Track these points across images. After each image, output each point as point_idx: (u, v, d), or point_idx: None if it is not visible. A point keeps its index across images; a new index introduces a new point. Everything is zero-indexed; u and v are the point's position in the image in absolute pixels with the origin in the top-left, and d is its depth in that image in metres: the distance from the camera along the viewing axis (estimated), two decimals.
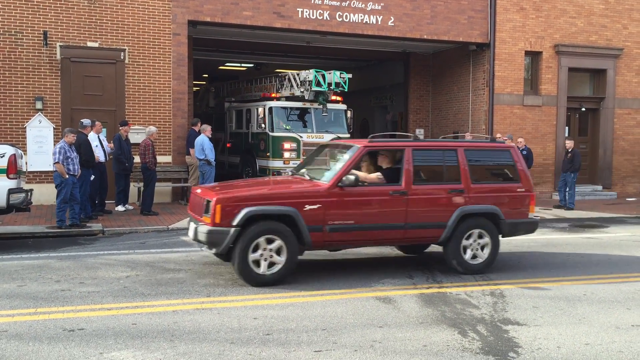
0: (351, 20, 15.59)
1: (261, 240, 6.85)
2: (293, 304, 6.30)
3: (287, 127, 15.47)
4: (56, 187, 10.33)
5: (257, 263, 6.89)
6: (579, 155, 15.20)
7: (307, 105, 15.67)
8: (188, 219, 7.79)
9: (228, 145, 17.89)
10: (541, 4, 17.33)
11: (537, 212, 14.36)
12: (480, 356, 4.89)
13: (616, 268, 8.40)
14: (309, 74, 15.05)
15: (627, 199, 17.59)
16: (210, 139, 13.80)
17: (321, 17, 15.30)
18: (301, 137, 15.30)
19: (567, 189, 15.04)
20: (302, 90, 15.33)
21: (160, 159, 13.79)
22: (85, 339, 5.07)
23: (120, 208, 12.74)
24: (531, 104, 17.41)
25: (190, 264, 8.12)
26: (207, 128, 13.89)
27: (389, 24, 15.94)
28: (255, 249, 6.86)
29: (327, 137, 15.08)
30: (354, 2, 15.56)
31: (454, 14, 16.57)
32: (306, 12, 15.15)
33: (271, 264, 6.95)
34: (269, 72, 19.04)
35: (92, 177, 11.61)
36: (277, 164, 15.21)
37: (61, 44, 13.48)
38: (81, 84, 13.74)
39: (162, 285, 6.91)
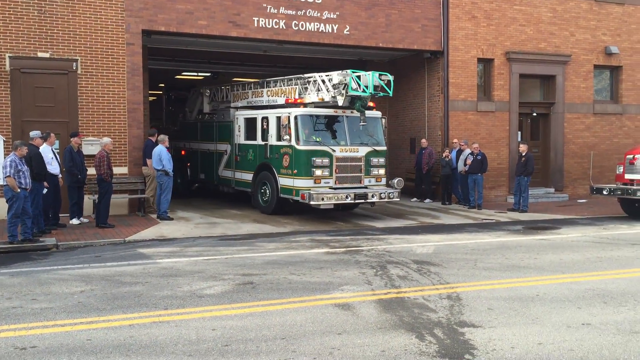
0: (307, 29, 15.68)
1: None
2: (252, 313, 6.28)
3: (318, 139, 13.26)
4: (7, 201, 10.04)
5: None
6: (532, 159, 15.61)
7: (339, 112, 13.58)
8: (146, 230, 7.68)
9: (236, 159, 15.45)
10: (492, 12, 17.77)
11: (492, 215, 14.72)
12: (437, 359, 4.97)
13: (567, 268, 8.64)
14: (345, 76, 12.79)
15: (578, 201, 18.13)
16: (168, 149, 13.68)
17: (277, 26, 15.34)
18: (334, 150, 13.20)
19: (522, 192, 15.44)
20: (333, 94, 13.07)
21: (116, 170, 13.55)
22: (37, 357, 4.95)
23: (74, 221, 12.46)
24: (485, 109, 17.80)
25: (148, 276, 8.01)
26: (165, 138, 13.78)
27: (345, 32, 16.09)
28: None
29: (362, 151, 13.52)
30: (309, 11, 15.66)
31: (408, 22, 16.85)
32: (262, 21, 15.17)
33: None
34: (287, 74, 16.50)
35: (45, 190, 11.33)
36: (305, 183, 13.00)
37: (10, 54, 13.14)
38: (32, 95, 13.41)
39: (118, 299, 6.79)
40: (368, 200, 13.29)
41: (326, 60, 19.67)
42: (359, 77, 12.80)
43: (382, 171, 13.93)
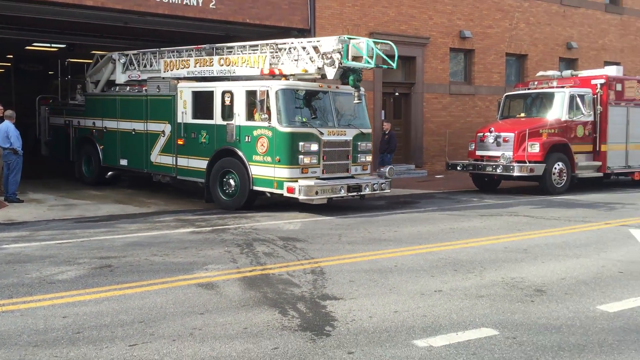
0: (171, 1, 15.02)
1: None
2: (108, 298, 5.96)
3: (304, 120, 11.37)
4: None
5: None
6: (395, 136, 16.31)
7: (324, 87, 11.73)
8: None
9: (180, 142, 12.88)
10: None
11: None
12: (298, 333, 5.02)
13: (424, 240, 9.13)
14: (341, 42, 10.84)
15: (436, 176, 19.25)
16: (16, 126, 12.56)
17: None
18: (322, 133, 11.36)
19: None
20: (321, 65, 11.07)
21: None
22: None
23: None
24: None
25: None
26: (12, 114, 12.63)
27: (211, 6, 15.64)
28: None
29: (349, 133, 11.84)
30: None
31: None
32: None
33: None
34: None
35: None
36: (290, 172, 11.03)
37: None
38: None
39: None
40: (361, 193, 11.74)
41: (192, 35, 19.05)
42: (357, 44, 11.00)
43: (369, 158, 12.38)
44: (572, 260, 7.70)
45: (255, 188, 11.52)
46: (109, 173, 15.26)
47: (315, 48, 11.19)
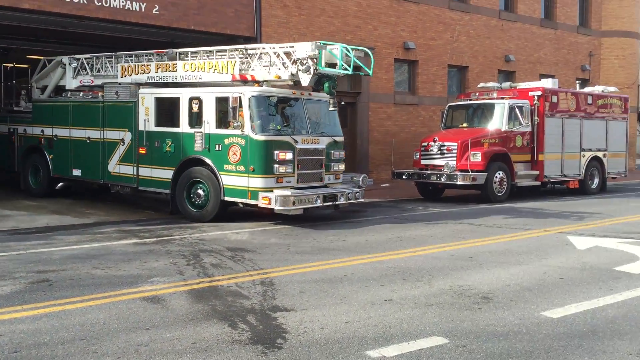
0: (112, 5, 14.64)
1: None
2: (47, 314, 5.68)
3: (278, 128, 11.09)
4: None
5: None
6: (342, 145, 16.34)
7: (297, 94, 11.50)
8: None
9: (142, 151, 12.31)
10: (302, 2, 18.20)
11: None
12: (249, 347, 4.91)
13: (372, 249, 9.15)
14: (314, 49, 10.54)
15: (382, 185, 19.44)
16: None
17: (77, 0, 14.11)
18: (296, 141, 11.11)
19: None
20: (294, 71, 10.81)
21: None
22: None
23: None
24: None
25: None
26: None
27: (154, 12, 15.32)
28: None
29: (322, 141, 11.62)
30: None
31: (221, 6, 16.56)
32: None
33: None
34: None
35: None
36: (265, 182, 10.69)
37: None
38: None
39: None
40: (336, 203, 11.57)
41: (135, 40, 18.63)
42: (332, 50, 10.70)
43: (342, 166, 12.20)
44: (515, 267, 7.89)
45: (227, 199, 11.10)
46: (60, 184, 14.46)
47: (288, 54, 10.94)
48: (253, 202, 10.82)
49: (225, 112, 10.93)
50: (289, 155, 10.90)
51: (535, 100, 16.61)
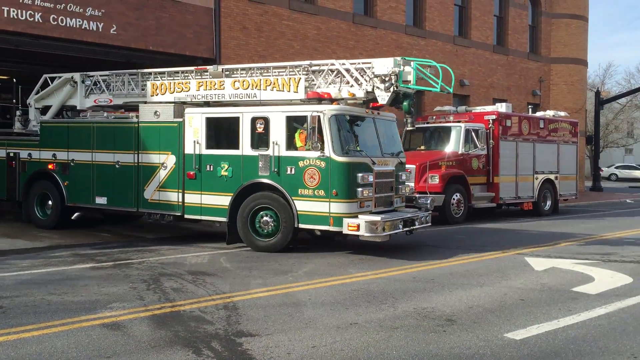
0: (68, 25, 14.41)
1: None
2: (2, 343, 5.44)
3: (357, 149, 10.52)
4: None
5: None
6: None
7: (369, 113, 10.88)
8: None
9: (190, 176, 11.26)
10: (262, 25, 18.30)
11: None
12: None
13: (329, 271, 9.10)
14: (395, 66, 10.11)
15: None
16: None
17: (32, 19, 13.83)
18: (374, 163, 10.49)
19: None
20: (370, 89, 10.34)
21: None
22: None
23: None
24: None
25: None
26: None
27: (112, 31, 15.15)
28: None
29: (391, 163, 11.05)
30: (70, 6, 14.40)
31: (180, 27, 16.49)
32: (13, 11, 13.54)
33: None
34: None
35: None
36: (348, 207, 9.99)
37: None
38: None
39: None
40: (412, 228, 10.97)
41: (91, 60, 18.33)
42: (418, 66, 10.19)
43: (407, 189, 11.76)
44: (477, 289, 8.00)
45: (302, 226, 10.33)
46: (76, 214, 12.90)
47: (361, 70, 10.52)
48: (335, 229, 10.10)
49: (295, 133, 10.34)
50: (370, 178, 10.29)
51: (490, 124, 17.06)
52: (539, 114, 20.55)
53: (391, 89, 10.10)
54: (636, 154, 62.49)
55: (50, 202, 13.04)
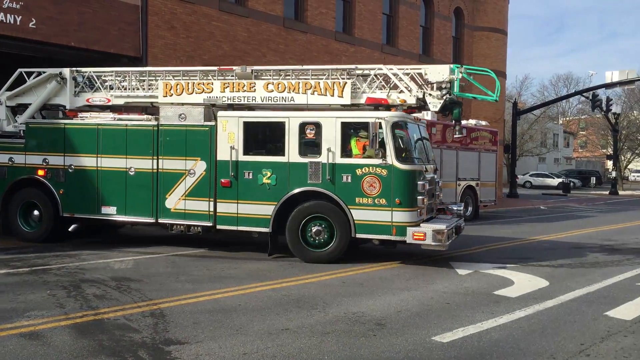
0: None
1: None
2: None
3: (417, 156, 10.33)
4: None
5: None
6: None
7: (417, 121, 10.85)
8: None
9: (225, 183, 10.55)
10: (191, 25, 17.95)
11: None
12: None
13: (265, 277, 9.06)
14: (450, 73, 10.09)
15: None
16: None
17: None
18: (427, 170, 10.46)
19: None
20: (422, 95, 10.11)
21: None
22: None
23: None
24: None
25: None
26: None
27: (30, 25, 14.41)
28: None
29: (430, 170, 10.81)
30: None
31: (104, 23, 15.91)
32: None
33: None
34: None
35: None
36: (410, 216, 9.76)
37: None
38: None
39: None
40: (456, 235, 10.74)
41: (5, 54, 17.40)
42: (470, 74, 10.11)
43: (442, 196, 11.60)
44: (404, 293, 8.15)
45: (360, 235, 9.98)
46: (73, 225, 11.96)
47: (412, 76, 10.30)
48: (398, 238, 9.79)
49: (352, 139, 9.98)
50: (427, 186, 10.13)
51: None
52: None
53: (444, 97, 10.02)
54: (549, 163, 66.09)
55: (36, 213, 11.74)
